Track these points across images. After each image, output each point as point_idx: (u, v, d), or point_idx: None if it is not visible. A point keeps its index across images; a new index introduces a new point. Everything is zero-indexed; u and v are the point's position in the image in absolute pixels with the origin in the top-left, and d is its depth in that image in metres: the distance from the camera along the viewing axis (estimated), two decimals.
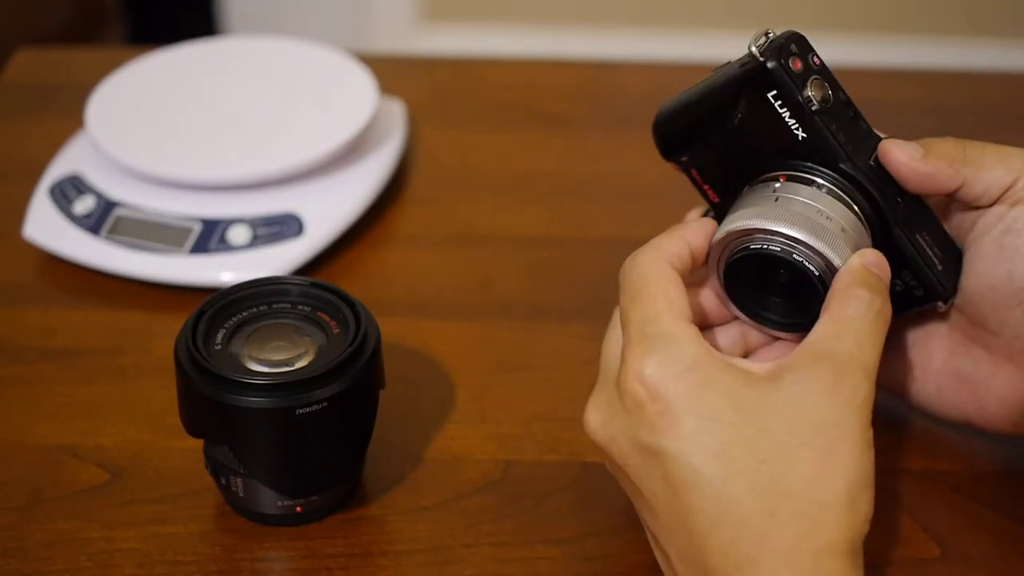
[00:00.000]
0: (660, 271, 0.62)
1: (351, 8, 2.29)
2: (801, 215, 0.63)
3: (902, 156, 0.64)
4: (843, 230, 0.63)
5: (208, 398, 0.65)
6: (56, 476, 0.72)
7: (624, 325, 0.62)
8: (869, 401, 0.59)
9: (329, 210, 0.87)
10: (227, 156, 0.87)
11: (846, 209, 0.64)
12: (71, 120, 0.94)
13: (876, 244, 0.64)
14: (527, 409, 0.76)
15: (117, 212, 0.86)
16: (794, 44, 0.63)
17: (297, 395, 0.65)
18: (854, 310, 0.60)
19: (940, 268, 0.65)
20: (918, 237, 0.65)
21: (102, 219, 0.86)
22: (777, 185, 0.64)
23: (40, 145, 0.95)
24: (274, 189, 0.87)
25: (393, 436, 0.74)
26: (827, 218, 0.63)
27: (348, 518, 0.70)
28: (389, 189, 0.92)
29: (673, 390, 0.59)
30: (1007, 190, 0.65)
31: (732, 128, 0.65)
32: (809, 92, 0.62)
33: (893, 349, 0.69)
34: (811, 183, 0.64)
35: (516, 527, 0.69)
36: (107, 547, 0.68)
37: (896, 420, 0.72)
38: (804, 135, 0.63)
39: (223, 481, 0.68)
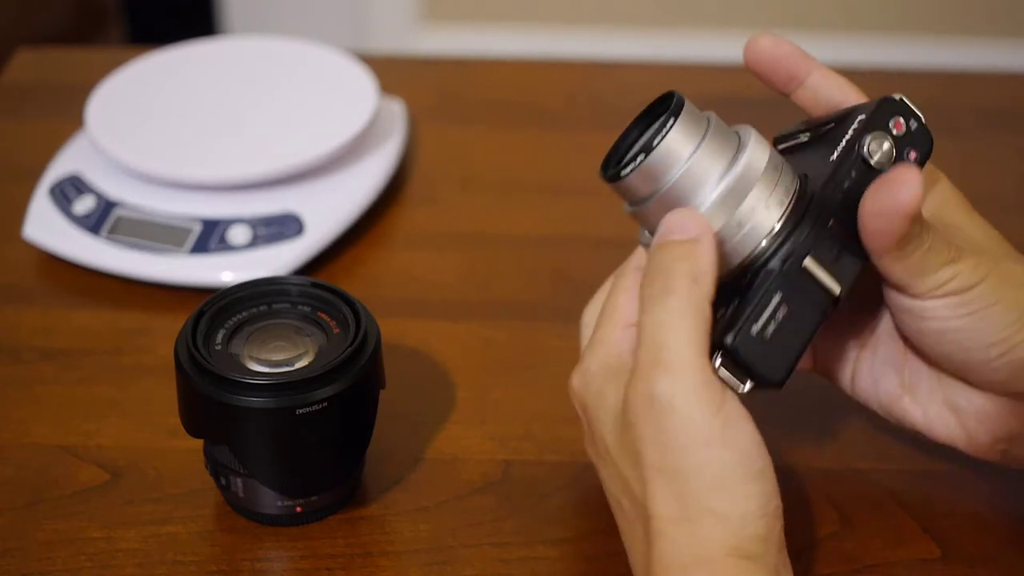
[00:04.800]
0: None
1: (351, 8, 2.29)
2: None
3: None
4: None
5: (208, 398, 0.65)
6: (56, 476, 0.72)
7: None
8: (681, 395, 0.56)
9: (329, 210, 0.87)
10: (227, 156, 0.87)
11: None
12: (71, 120, 0.94)
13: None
14: (527, 409, 0.76)
15: (117, 212, 0.86)
16: None
17: (297, 395, 0.65)
18: (650, 311, 0.58)
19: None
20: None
21: (102, 219, 0.86)
22: None
23: (40, 145, 0.94)
24: (274, 189, 0.87)
25: (393, 436, 0.74)
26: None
27: (348, 518, 0.70)
28: (389, 189, 0.92)
29: (587, 403, 0.62)
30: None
31: None
32: None
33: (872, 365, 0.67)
34: None
35: (516, 527, 0.69)
36: (107, 547, 0.68)
37: None
38: None
39: (223, 481, 0.68)
